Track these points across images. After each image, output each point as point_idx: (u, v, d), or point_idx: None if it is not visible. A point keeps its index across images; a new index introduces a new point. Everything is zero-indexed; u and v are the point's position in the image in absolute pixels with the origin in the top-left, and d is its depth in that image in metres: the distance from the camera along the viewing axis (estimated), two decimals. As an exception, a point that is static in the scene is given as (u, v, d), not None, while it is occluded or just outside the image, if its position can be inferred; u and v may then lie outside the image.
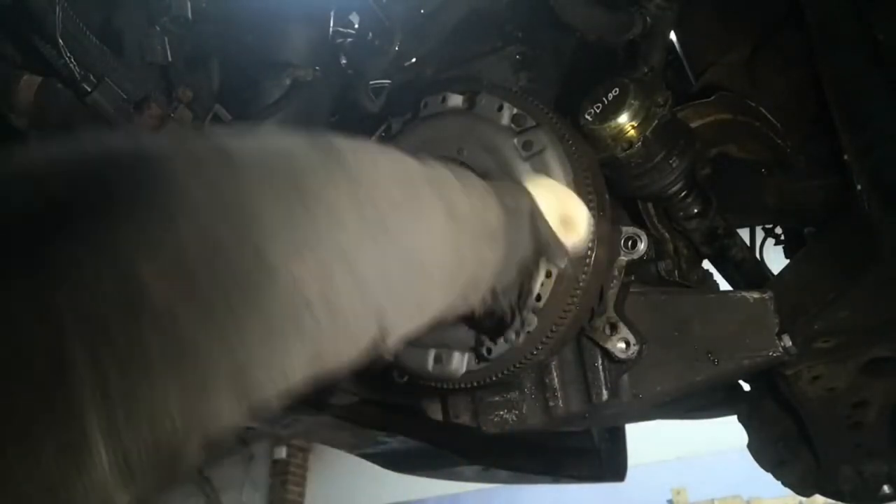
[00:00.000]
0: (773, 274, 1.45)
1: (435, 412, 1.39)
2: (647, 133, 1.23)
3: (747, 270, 1.52)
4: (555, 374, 1.26)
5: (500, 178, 0.93)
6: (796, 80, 1.39)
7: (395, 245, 0.64)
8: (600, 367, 1.24)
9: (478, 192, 0.79)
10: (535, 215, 0.87)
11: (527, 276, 0.88)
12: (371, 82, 1.27)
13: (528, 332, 1.14)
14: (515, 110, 1.20)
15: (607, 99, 1.23)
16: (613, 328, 1.22)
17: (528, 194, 0.88)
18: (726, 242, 1.47)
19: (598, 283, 1.18)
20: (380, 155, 0.69)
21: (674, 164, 1.28)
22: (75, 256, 0.41)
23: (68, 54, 1.18)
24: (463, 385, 1.22)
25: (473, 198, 0.77)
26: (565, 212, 0.95)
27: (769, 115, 1.43)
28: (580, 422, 1.34)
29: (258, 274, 0.49)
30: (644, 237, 1.22)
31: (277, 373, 0.50)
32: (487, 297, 0.82)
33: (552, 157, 1.16)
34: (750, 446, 1.74)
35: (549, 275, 1.13)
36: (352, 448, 2.09)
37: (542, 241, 0.87)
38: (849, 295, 1.15)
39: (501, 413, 1.29)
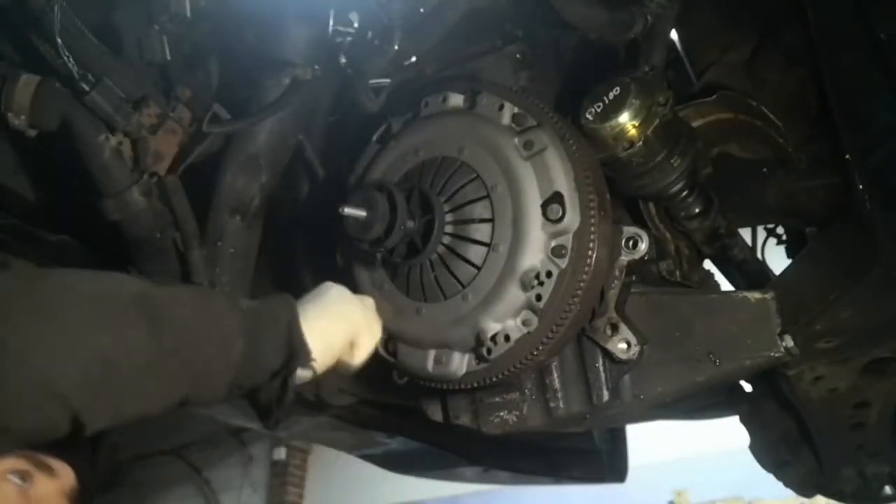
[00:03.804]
0: (774, 274, 1.45)
1: (435, 413, 1.38)
2: (649, 132, 1.22)
3: (749, 270, 1.52)
4: (555, 375, 1.25)
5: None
6: (798, 80, 1.39)
7: (83, 350, 0.79)
8: (601, 368, 1.23)
9: (210, 306, 0.95)
10: (293, 325, 0.99)
11: (284, 376, 0.99)
12: (371, 81, 1.26)
13: (529, 332, 1.14)
14: (516, 110, 1.20)
15: (608, 98, 1.23)
16: (614, 328, 1.21)
17: (291, 309, 1.01)
18: (728, 242, 1.47)
19: (599, 283, 1.18)
20: (83, 283, 0.85)
21: (675, 164, 1.28)
22: None
23: (67, 53, 1.17)
24: (463, 386, 1.22)
25: (201, 311, 0.92)
26: (355, 337, 1.11)
27: (770, 115, 1.43)
28: (581, 423, 1.34)
29: None
30: (645, 237, 1.22)
31: None
32: (233, 389, 0.95)
33: (553, 157, 1.15)
34: (751, 447, 1.73)
35: (549, 275, 1.13)
36: (351, 449, 2.09)
37: (295, 348, 0.99)
38: (850, 295, 1.15)
39: (502, 414, 1.29)
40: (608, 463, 2.27)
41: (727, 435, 2.19)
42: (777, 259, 1.56)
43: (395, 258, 1.19)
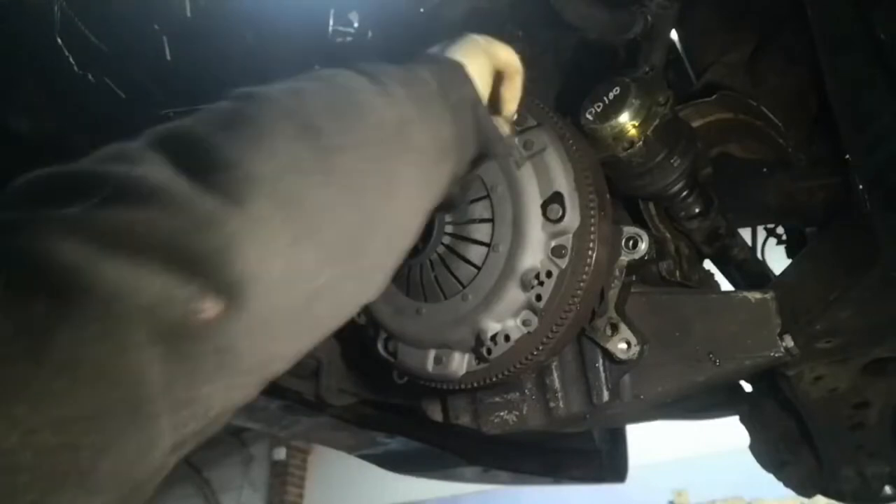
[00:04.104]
0: (774, 274, 1.45)
1: (435, 413, 1.38)
2: (649, 132, 1.22)
3: (749, 270, 1.52)
4: (555, 375, 1.25)
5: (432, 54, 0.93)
6: (798, 79, 1.39)
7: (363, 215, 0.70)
8: (601, 368, 1.23)
9: (432, 106, 0.82)
10: (477, 106, 0.89)
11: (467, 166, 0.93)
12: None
13: (529, 332, 1.14)
14: (516, 109, 1.20)
15: (608, 98, 1.23)
16: (614, 328, 1.21)
17: (468, 77, 0.89)
18: (727, 242, 1.47)
19: (599, 283, 1.18)
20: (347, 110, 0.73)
21: (675, 164, 1.28)
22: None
23: (67, 53, 1.17)
24: (463, 386, 1.22)
25: (429, 117, 0.80)
26: (497, 63, 0.97)
27: (770, 115, 1.43)
28: (581, 423, 1.34)
29: None
30: (645, 237, 1.22)
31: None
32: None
33: (553, 157, 1.15)
34: (751, 447, 1.73)
35: (549, 275, 1.13)
36: (351, 449, 2.09)
37: (485, 137, 0.91)
38: (850, 295, 1.15)
39: (502, 414, 1.29)
40: (608, 463, 2.27)
41: (727, 435, 2.19)
42: (777, 259, 1.56)
43: (395, 258, 1.19)
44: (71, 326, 0.46)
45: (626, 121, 1.22)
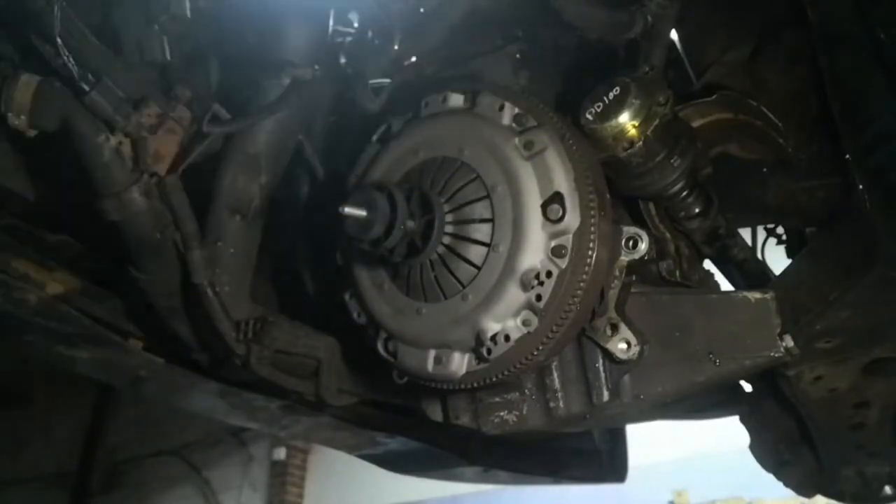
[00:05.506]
0: (774, 274, 1.45)
1: (435, 413, 1.38)
2: (649, 132, 1.22)
3: (749, 270, 1.52)
4: (555, 375, 1.25)
5: None
6: (798, 80, 1.39)
7: None
8: (601, 368, 1.23)
9: None
10: None
11: None
12: (371, 81, 1.26)
13: (529, 332, 1.14)
14: (517, 110, 1.20)
15: (608, 98, 1.23)
16: (614, 328, 1.21)
17: None
18: (727, 242, 1.47)
19: (599, 283, 1.18)
20: None
21: (675, 164, 1.28)
22: None
23: (67, 53, 1.17)
24: (463, 386, 1.22)
25: None
26: None
27: (770, 115, 1.43)
28: (581, 423, 1.34)
29: None
30: (645, 237, 1.22)
31: None
32: None
33: (553, 157, 1.15)
34: (751, 447, 1.74)
35: (549, 275, 1.13)
36: (351, 449, 2.09)
37: None
38: (850, 295, 1.15)
39: (502, 414, 1.29)
40: (608, 463, 2.27)
41: (727, 435, 2.19)
42: (777, 259, 1.56)
43: (395, 258, 1.19)
44: None
45: (626, 121, 1.22)
